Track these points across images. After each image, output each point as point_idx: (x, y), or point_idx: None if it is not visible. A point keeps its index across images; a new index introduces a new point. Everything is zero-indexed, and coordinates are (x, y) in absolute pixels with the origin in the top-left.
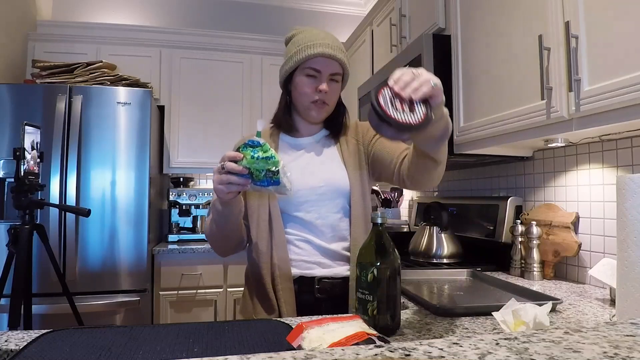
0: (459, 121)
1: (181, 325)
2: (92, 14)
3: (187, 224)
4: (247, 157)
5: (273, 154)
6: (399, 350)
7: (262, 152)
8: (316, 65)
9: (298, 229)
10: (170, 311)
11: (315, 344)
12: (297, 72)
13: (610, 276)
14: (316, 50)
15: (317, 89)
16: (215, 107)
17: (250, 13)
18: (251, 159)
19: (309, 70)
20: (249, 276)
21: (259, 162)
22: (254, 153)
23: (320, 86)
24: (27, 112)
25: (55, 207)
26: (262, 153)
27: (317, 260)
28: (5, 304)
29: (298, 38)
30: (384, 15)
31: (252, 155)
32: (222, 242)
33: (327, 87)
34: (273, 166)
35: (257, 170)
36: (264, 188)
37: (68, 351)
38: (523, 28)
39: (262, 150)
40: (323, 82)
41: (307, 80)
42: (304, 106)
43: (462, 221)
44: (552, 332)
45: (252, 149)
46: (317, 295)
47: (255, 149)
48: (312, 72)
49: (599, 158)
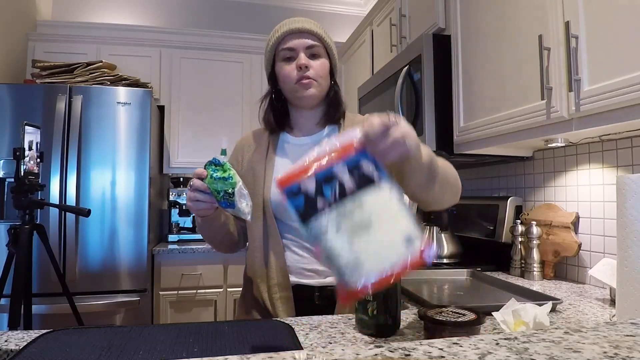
0: (459, 121)
1: (181, 325)
2: (92, 14)
3: (187, 224)
4: (208, 176)
5: (231, 175)
6: (399, 350)
7: (221, 171)
8: (288, 44)
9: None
10: (170, 311)
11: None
12: (276, 62)
13: (610, 276)
14: (283, 29)
15: (298, 66)
16: (215, 107)
17: (250, 13)
18: (210, 179)
19: (284, 52)
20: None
21: (217, 183)
22: (213, 172)
23: (300, 63)
24: (27, 112)
25: (55, 207)
26: (221, 173)
27: (316, 268)
28: (5, 304)
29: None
30: (384, 15)
31: (211, 175)
32: (214, 245)
33: (305, 61)
34: (230, 187)
35: (216, 191)
36: (225, 209)
37: (68, 351)
38: (523, 28)
39: (222, 170)
40: (302, 59)
41: (285, 64)
42: (291, 90)
43: (462, 221)
44: (552, 332)
45: (213, 168)
46: (317, 302)
47: (216, 168)
48: (287, 53)
49: (599, 158)
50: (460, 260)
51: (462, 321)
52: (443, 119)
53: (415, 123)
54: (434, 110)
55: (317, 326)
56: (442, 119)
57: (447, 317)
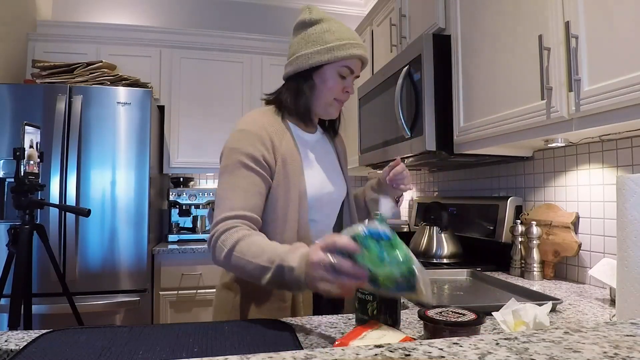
0: (459, 121)
1: (181, 325)
2: (92, 14)
3: (187, 224)
4: (371, 255)
5: (406, 253)
6: (399, 350)
7: (389, 248)
8: (353, 66)
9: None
10: (170, 311)
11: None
12: (330, 66)
13: (610, 276)
14: (359, 51)
15: (344, 89)
16: (215, 107)
17: (250, 13)
18: (377, 260)
19: (345, 70)
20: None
21: (389, 266)
22: (380, 252)
23: (348, 87)
24: (27, 112)
25: (55, 207)
26: (389, 250)
27: None
28: (5, 304)
29: (332, 27)
30: (384, 15)
31: (377, 255)
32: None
33: (352, 89)
34: (406, 269)
35: (386, 277)
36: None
37: (68, 351)
38: (523, 28)
39: (390, 246)
40: (351, 84)
41: (338, 77)
42: (326, 102)
43: (462, 221)
44: (552, 332)
45: (377, 243)
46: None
47: (380, 244)
48: (345, 71)
49: (599, 158)
50: (460, 260)
51: (462, 321)
52: (443, 119)
53: (415, 123)
54: (434, 110)
55: (317, 326)
56: (442, 119)
57: (447, 317)
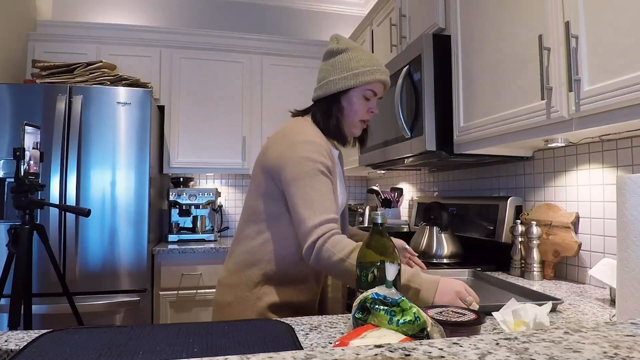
0: (459, 121)
1: (181, 325)
2: (92, 14)
3: (187, 224)
4: (383, 321)
5: (416, 313)
6: (399, 350)
7: (400, 313)
8: (377, 90)
9: None
10: (170, 311)
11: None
12: (356, 90)
13: (610, 276)
14: (382, 77)
15: (369, 110)
16: (215, 107)
17: (250, 13)
18: (387, 324)
19: (369, 93)
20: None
21: (401, 327)
22: (392, 317)
23: (372, 108)
24: (27, 112)
25: (55, 207)
26: (400, 315)
27: None
28: (5, 304)
29: (357, 56)
30: (384, 15)
31: (390, 319)
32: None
33: (376, 110)
34: (418, 329)
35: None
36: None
37: (68, 351)
38: (523, 28)
39: (401, 310)
40: (375, 104)
41: (363, 99)
42: (352, 123)
43: (462, 221)
44: (552, 332)
45: (387, 310)
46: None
47: (391, 310)
48: (371, 94)
49: (599, 158)
50: (460, 260)
51: (462, 321)
52: (443, 119)
53: (415, 123)
54: (433, 110)
55: (317, 326)
56: (442, 119)
57: (447, 317)
